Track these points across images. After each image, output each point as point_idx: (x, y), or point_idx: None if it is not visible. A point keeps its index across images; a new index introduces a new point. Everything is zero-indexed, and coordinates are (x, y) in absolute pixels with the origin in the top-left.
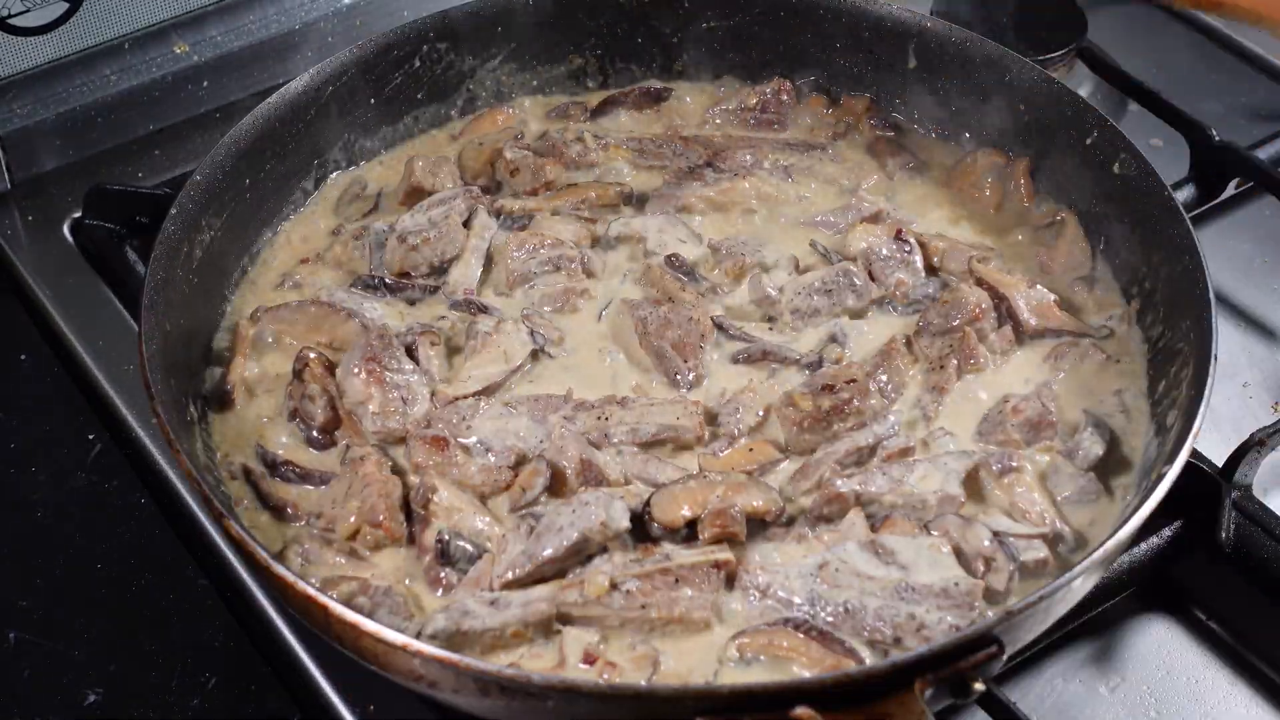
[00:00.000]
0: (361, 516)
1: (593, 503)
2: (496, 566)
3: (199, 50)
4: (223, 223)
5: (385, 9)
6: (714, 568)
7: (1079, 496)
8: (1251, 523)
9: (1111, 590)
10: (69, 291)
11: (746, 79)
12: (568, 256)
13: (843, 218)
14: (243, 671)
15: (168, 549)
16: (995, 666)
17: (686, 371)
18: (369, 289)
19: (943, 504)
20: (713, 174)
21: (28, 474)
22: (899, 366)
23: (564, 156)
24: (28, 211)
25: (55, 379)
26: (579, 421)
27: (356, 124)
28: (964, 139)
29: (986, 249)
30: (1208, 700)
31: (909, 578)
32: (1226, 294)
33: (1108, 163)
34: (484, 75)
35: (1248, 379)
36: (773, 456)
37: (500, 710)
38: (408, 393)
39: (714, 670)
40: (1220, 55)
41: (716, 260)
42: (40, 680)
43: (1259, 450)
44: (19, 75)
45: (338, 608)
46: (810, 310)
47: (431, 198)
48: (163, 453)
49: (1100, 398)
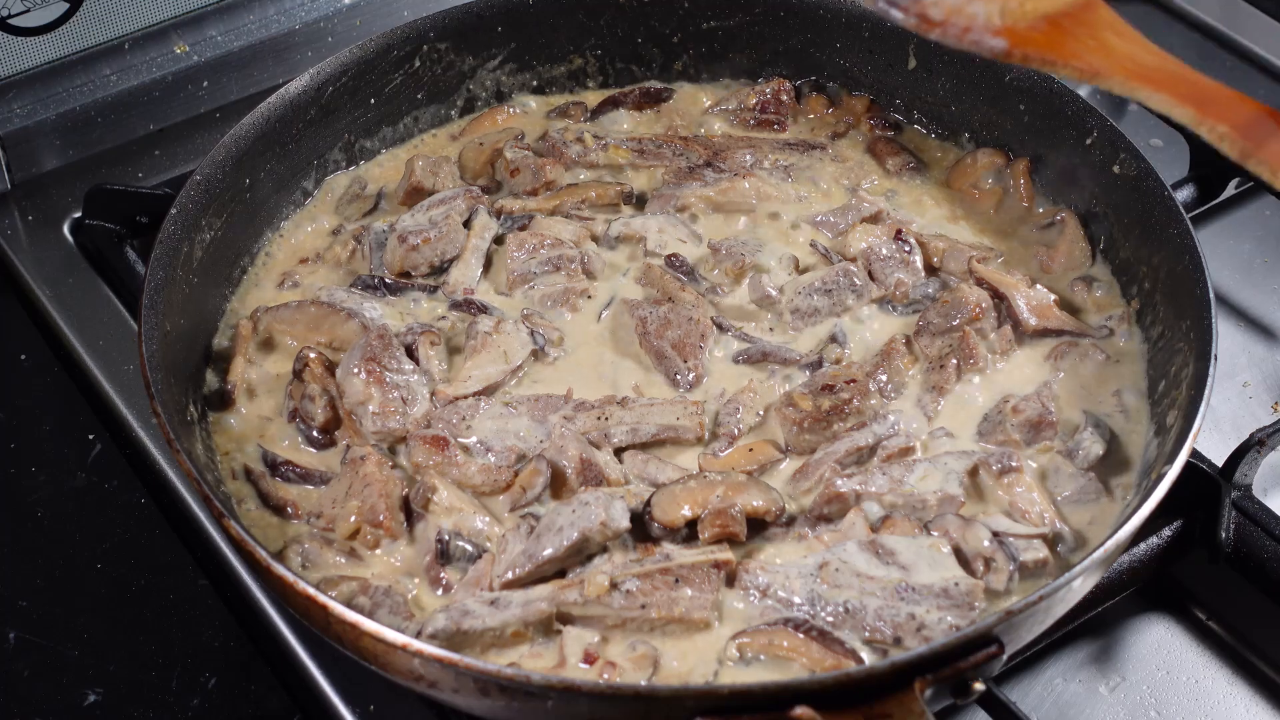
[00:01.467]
0: (362, 516)
1: (593, 503)
2: (496, 566)
3: (199, 50)
4: (223, 223)
5: (385, 9)
6: (714, 568)
7: (1079, 496)
8: (1251, 523)
9: (1111, 590)
10: (69, 291)
11: (746, 79)
12: (568, 256)
13: (843, 218)
14: (243, 671)
15: (167, 549)
16: (995, 666)
17: (686, 371)
18: (369, 289)
19: (943, 504)
20: (713, 174)
21: (28, 474)
22: (899, 366)
23: (564, 156)
24: (28, 211)
25: (55, 379)
26: (579, 421)
27: (356, 124)
28: (964, 139)
29: (986, 249)
30: (1208, 700)
31: (909, 578)
32: (1226, 294)
33: (1108, 163)
34: (484, 75)
35: (1248, 379)
36: (773, 456)
37: (500, 710)
38: (408, 393)
39: (714, 670)
40: (1220, 55)
41: (716, 260)
42: (40, 680)
43: (1259, 450)
44: (19, 75)
45: (338, 608)
46: (810, 310)
47: (432, 198)
48: (163, 453)
49: (1100, 398)
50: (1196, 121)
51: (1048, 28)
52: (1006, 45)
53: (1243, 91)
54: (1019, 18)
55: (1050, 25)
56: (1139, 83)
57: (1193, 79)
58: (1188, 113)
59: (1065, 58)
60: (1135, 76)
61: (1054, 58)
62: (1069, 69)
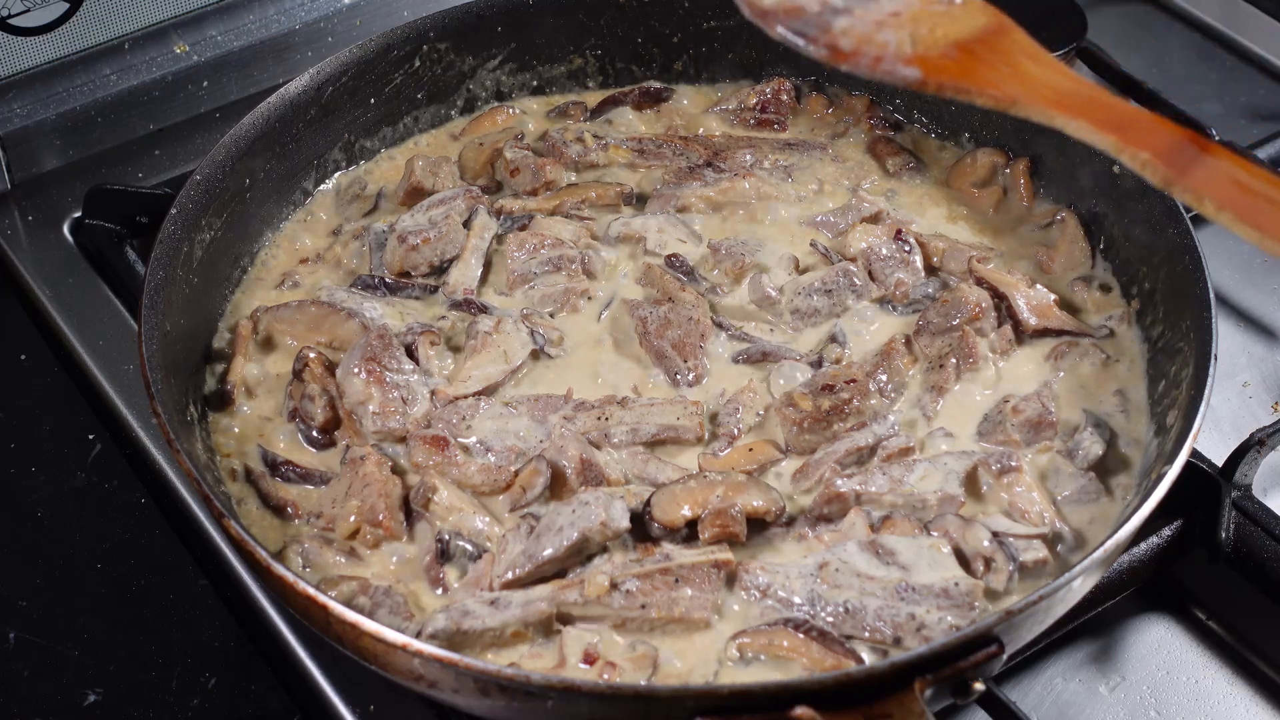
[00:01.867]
0: (361, 516)
1: (593, 503)
2: (496, 566)
3: (199, 50)
4: (223, 223)
5: (385, 9)
6: (714, 568)
7: (1079, 496)
8: (1251, 523)
9: (1111, 590)
10: (69, 291)
11: (746, 79)
12: (568, 257)
13: (843, 218)
14: (243, 671)
15: (167, 549)
16: (995, 666)
17: (686, 371)
18: (369, 289)
19: (943, 504)
20: (712, 174)
21: (28, 474)
22: (899, 366)
23: (564, 156)
24: (28, 211)
25: (55, 379)
26: (579, 421)
27: (356, 124)
28: (964, 139)
29: (986, 249)
30: (1208, 700)
31: (909, 578)
32: (1226, 294)
33: (1108, 163)
34: (484, 75)
35: (1248, 379)
36: (773, 456)
37: (500, 710)
38: (408, 393)
39: (714, 670)
40: (1220, 55)
41: (716, 260)
42: (40, 680)
43: (1259, 450)
44: (19, 75)
45: (338, 608)
46: (810, 310)
47: (431, 198)
48: (163, 453)
49: (1100, 398)
50: (1118, 149)
51: (961, 55)
52: (920, 74)
53: (1242, 91)
54: (930, 45)
55: (963, 53)
56: (1057, 110)
57: (1112, 104)
58: (1108, 140)
59: (981, 85)
60: (1053, 104)
61: (969, 85)
62: (985, 97)
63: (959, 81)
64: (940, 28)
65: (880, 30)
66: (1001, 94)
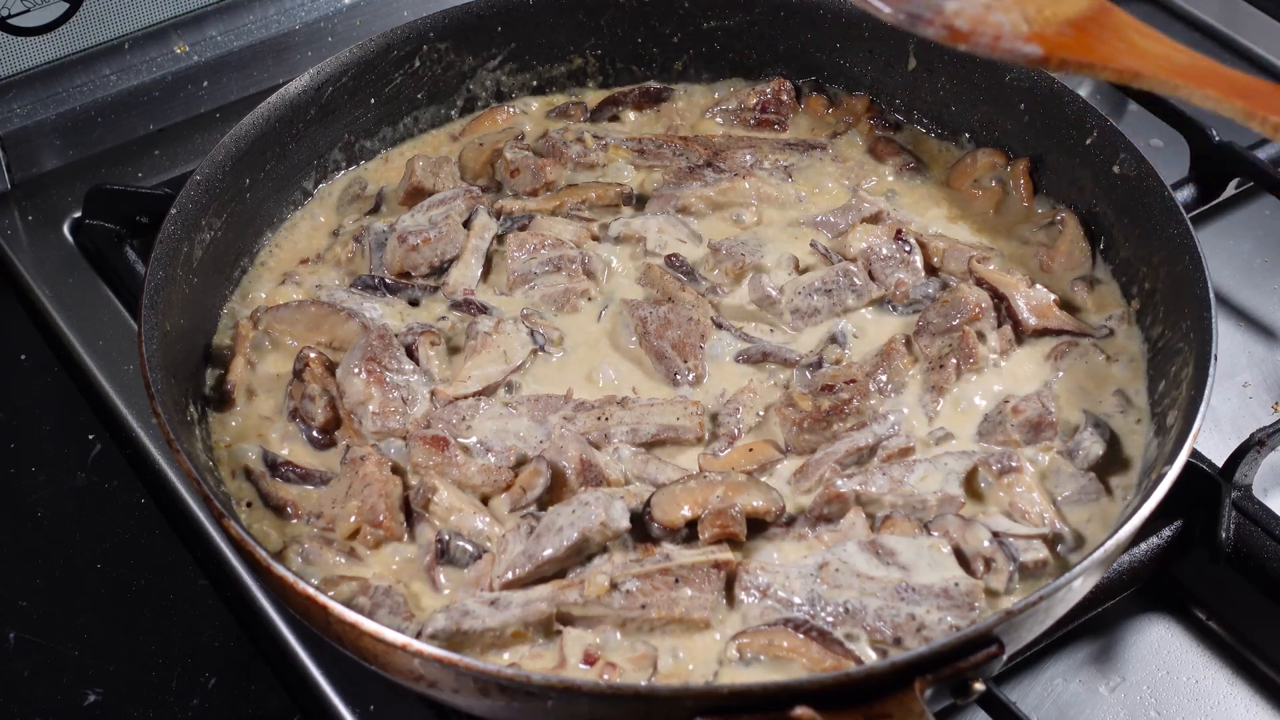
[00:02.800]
0: (361, 516)
1: (593, 503)
2: (496, 566)
3: (199, 50)
4: (223, 223)
5: (385, 9)
6: (714, 568)
7: (1079, 496)
8: (1251, 523)
9: (1111, 590)
10: (69, 291)
11: (746, 79)
12: (568, 257)
13: (843, 218)
14: (243, 671)
15: (167, 549)
16: (995, 666)
17: (686, 371)
18: (369, 289)
19: (943, 504)
20: (713, 174)
21: (28, 474)
22: (899, 366)
23: (564, 156)
24: (28, 211)
25: (55, 379)
26: (579, 421)
27: (356, 124)
28: (964, 139)
29: (986, 249)
30: (1208, 700)
31: (909, 578)
32: (1226, 294)
33: (1108, 163)
34: (484, 75)
35: (1248, 379)
36: (773, 456)
37: (500, 710)
38: (408, 393)
39: (714, 670)
40: (1220, 55)
41: (716, 260)
42: (40, 680)
43: (1259, 450)
44: (19, 75)
45: (338, 608)
46: (810, 310)
47: (432, 198)
48: (163, 453)
49: (1100, 398)
50: (1247, 115)
51: (1075, 32)
52: (1041, 51)
53: None
54: (1043, 24)
55: (1077, 30)
56: (1182, 80)
57: (1233, 75)
58: (1236, 106)
59: (1104, 60)
60: (1177, 74)
61: (1092, 60)
62: (1108, 71)
63: (1081, 57)
64: (1048, 8)
65: (990, 12)
66: (1123, 67)
